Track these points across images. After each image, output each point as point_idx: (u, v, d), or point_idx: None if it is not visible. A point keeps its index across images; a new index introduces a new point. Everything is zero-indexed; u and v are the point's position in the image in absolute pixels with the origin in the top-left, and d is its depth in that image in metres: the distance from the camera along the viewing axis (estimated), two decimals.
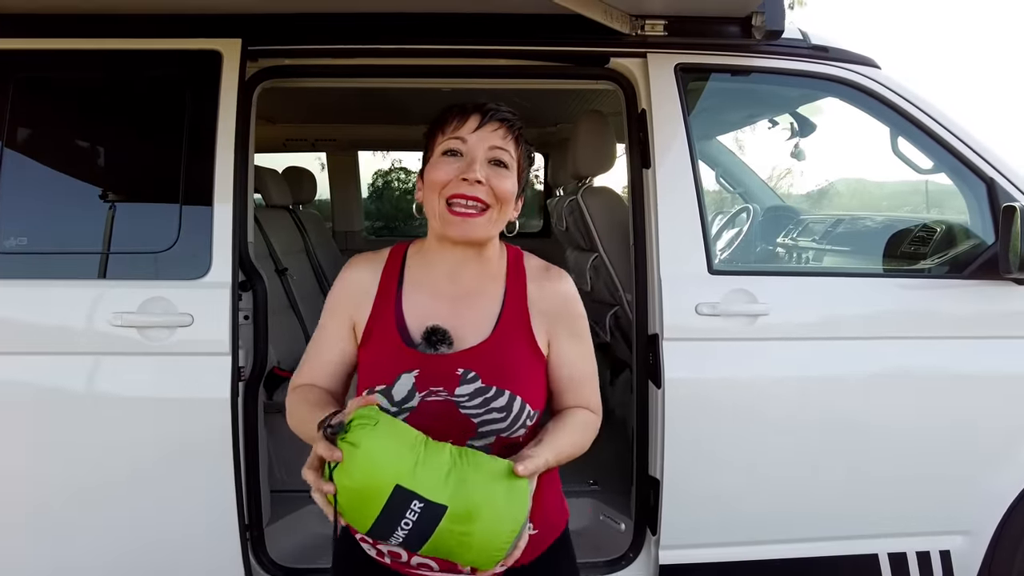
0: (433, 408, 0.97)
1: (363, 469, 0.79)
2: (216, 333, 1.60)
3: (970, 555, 1.86)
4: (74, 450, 1.61)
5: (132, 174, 1.74)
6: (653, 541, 1.77)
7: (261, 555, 1.78)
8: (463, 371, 0.98)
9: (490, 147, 0.99)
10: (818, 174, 5.36)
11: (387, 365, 0.99)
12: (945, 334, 1.79)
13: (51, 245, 1.67)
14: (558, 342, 1.06)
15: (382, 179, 8.93)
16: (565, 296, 1.08)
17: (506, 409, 0.97)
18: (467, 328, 1.02)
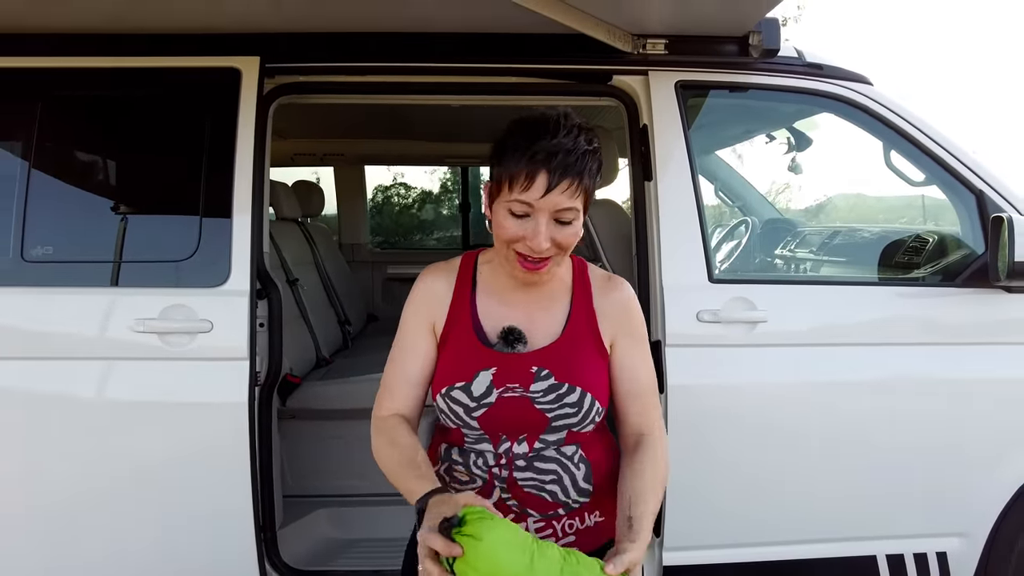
0: (510, 403, 1.03)
1: (488, 560, 0.82)
2: (234, 339, 1.66)
3: (966, 556, 1.90)
4: (96, 452, 1.66)
5: (154, 186, 1.81)
6: (657, 543, 1.81)
7: (274, 557, 1.82)
8: (537, 369, 1.04)
9: (556, 210, 0.98)
10: (816, 189, 5.43)
11: (466, 364, 1.05)
12: (939, 340, 1.85)
13: (76, 254, 1.73)
14: (621, 346, 1.11)
15: (382, 194, 9.00)
16: (627, 303, 1.14)
17: (577, 405, 1.03)
18: (539, 330, 1.09)
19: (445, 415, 1.06)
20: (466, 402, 1.03)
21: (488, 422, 1.04)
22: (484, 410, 1.03)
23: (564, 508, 1.06)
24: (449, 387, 1.05)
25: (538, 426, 1.04)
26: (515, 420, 1.03)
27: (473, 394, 1.03)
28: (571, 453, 1.07)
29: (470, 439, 1.07)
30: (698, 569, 1.81)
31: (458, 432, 1.07)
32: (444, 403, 1.05)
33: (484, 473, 1.06)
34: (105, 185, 1.83)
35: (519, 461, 1.05)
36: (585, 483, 1.07)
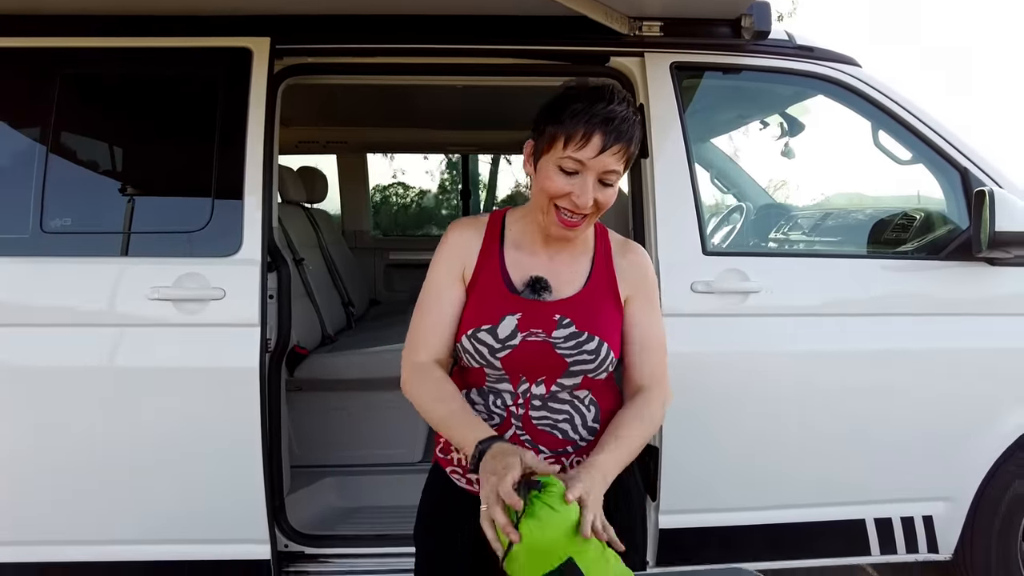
0: (532, 347, 1.10)
1: (555, 531, 0.88)
2: (246, 306, 1.72)
3: (951, 520, 1.97)
4: (114, 416, 1.72)
5: (168, 160, 1.87)
6: (653, 507, 1.88)
7: (283, 522, 1.88)
8: (559, 317, 1.12)
9: (603, 171, 1.05)
10: (814, 189, 5.50)
11: (493, 308, 1.12)
12: (925, 311, 1.92)
13: (93, 226, 1.79)
14: (634, 304, 1.19)
15: (380, 194, 9.07)
16: (644, 266, 1.22)
17: (595, 352, 1.10)
18: (563, 282, 1.16)
19: (469, 355, 1.12)
20: (491, 343, 1.10)
21: (510, 363, 1.10)
22: (508, 351, 1.10)
23: (573, 446, 1.13)
24: (476, 329, 1.11)
25: (557, 369, 1.11)
26: (536, 362, 1.10)
27: (499, 336, 1.10)
28: (583, 396, 1.14)
29: (491, 379, 1.14)
30: (693, 532, 1.88)
31: (480, 372, 1.14)
32: (470, 343, 1.11)
33: (502, 411, 1.13)
34: (121, 159, 1.89)
35: (535, 401, 1.12)
36: (594, 423, 1.14)
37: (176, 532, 1.76)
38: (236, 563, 1.78)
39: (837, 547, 1.96)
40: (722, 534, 1.89)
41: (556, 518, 0.87)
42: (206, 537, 1.77)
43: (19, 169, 1.79)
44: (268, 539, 1.78)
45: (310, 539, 1.90)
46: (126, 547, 1.77)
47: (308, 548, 1.88)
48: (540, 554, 0.87)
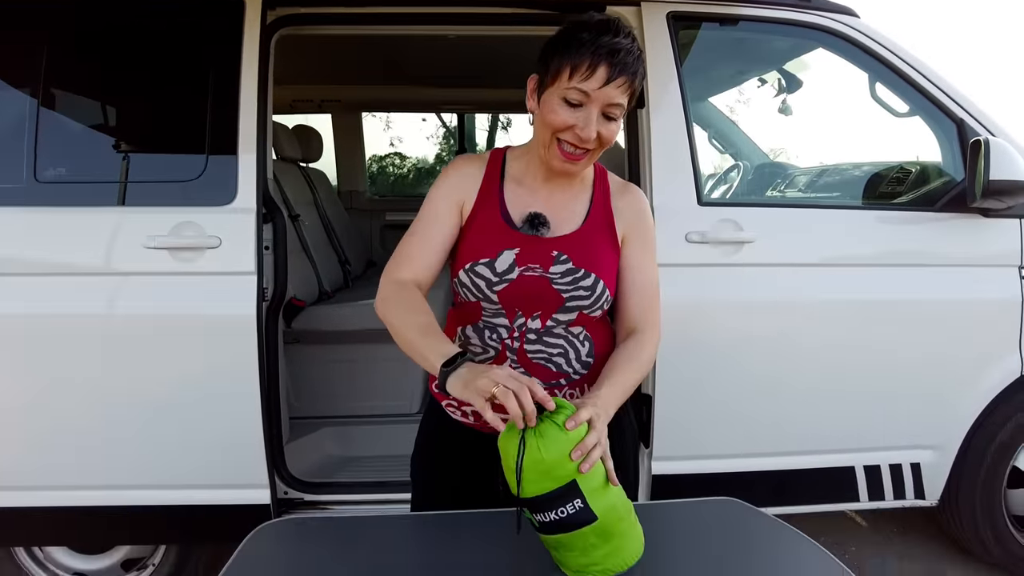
0: (529, 281, 1.11)
1: (561, 452, 0.88)
2: (242, 255, 1.73)
3: (938, 467, 2.02)
4: (112, 364, 1.73)
5: (162, 109, 1.86)
6: (646, 454, 1.91)
7: (282, 470, 1.91)
8: (557, 253, 1.13)
9: (608, 103, 1.04)
10: (812, 151, 5.46)
11: (492, 242, 1.13)
12: (918, 262, 1.93)
13: (87, 175, 1.79)
14: (630, 245, 1.19)
15: (377, 164, 9.01)
16: (642, 207, 1.23)
17: (591, 289, 1.12)
18: (561, 219, 1.16)
19: (467, 289, 1.13)
20: (489, 276, 1.11)
21: (507, 297, 1.12)
22: (505, 285, 1.11)
23: (566, 379, 1.15)
24: (474, 263, 1.12)
25: (553, 304, 1.12)
26: (533, 297, 1.12)
27: (496, 270, 1.11)
28: (577, 332, 1.16)
29: (487, 313, 1.15)
30: (686, 478, 1.92)
31: (476, 306, 1.15)
32: (467, 277, 1.12)
33: (497, 344, 1.14)
34: (113, 110, 1.88)
35: (531, 335, 1.13)
36: (588, 358, 1.16)
37: (176, 477, 1.79)
38: (236, 508, 1.81)
39: (826, 494, 2.00)
40: (713, 480, 1.92)
41: (564, 440, 0.89)
42: (206, 483, 1.80)
43: (11, 120, 1.78)
44: (268, 485, 1.81)
45: (309, 486, 1.94)
46: (127, 492, 1.80)
47: (307, 495, 1.92)
48: (543, 473, 0.88)
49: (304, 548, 1.03)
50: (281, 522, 1.10)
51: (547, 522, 0.90)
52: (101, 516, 1.81)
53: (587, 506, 0.89)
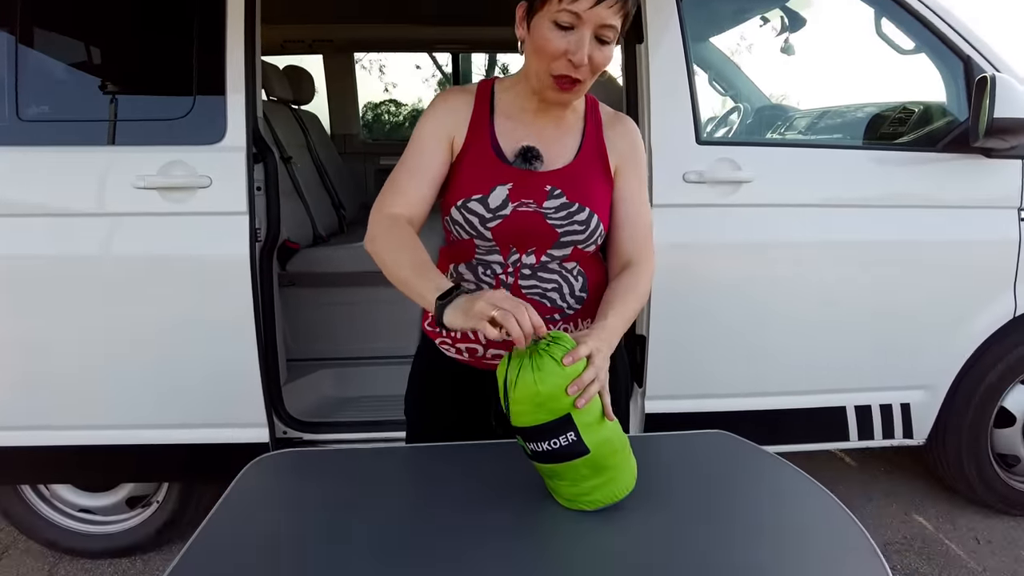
0: (523, 217, 1.10)
1: (557, 385, 0.88)
2: (233, 195, 1.70)
3: (928, 407, 2.05)
4: (106, 306, 1.73)
5: (147, 41, 1.80)
6: (640, 393, 1.94)
7: (280, 410, 1.93)
8: (551, 188, 1.11)
9: (600, 25, 1.01)
10: (816, 100, 5.34)
11: (484, 178, 1.11)
12: (916, 204, 1.92)
13: (71, 113, 1.74)
14: (623, 177, 1.17)
15: (372, 112, 8.83)
16: (634, 137, 1.20)
17: (585, 224, 1.11)
18: (554, 153, 1.14)
19: (459, 226, 1.12)
20: (482, 213, 1.09)
21: (501, 233, 1.10)
22: (498, 221, 1.10)
23: (560, 314, 1.15)
24: (466, 199, 1.10)
25: (547, 240, 1.11)
26: (527, 232, 1.10)
27: (489, 206, 1.09)
28: (571, 267, 1.15)
29: (481, 250, 1.14)
30: (678, 416, 1.94)
31: (469, 244, 1.13)
32: (460, 214, 1.11)
33: (491, 280, 1.13)
34: (98, 46, 1.82)
35: (525, 271, 1.13)
36: (582, 292, 1.16)
37: (176, 417, 1.81)
38: (236, 447, 1.84)
39: (817, 433, 2.04)
40: (705, 418, 1.95)
41: (560, 373, 0.89)
42: (206, 422, 1.82)
43: None
44: (266, 424, 1.83)
45: (307, 426, 1.96)
46: (128, 431, 1.82)
47: (306, 434, 1.95)
48: (538, 405, 0.89)
49: (299, 479, 1.05)
50: (277, 455, 1.12)
51: (539, 452, 0.91)
52: (102, 455, 1.84)
53: (580, 439, 0.90)
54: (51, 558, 2.10)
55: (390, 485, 1.01)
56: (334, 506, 0.95)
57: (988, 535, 2.15)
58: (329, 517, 0.92)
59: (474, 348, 1.16)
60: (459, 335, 1.17)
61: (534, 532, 0.89)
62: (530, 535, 0.89)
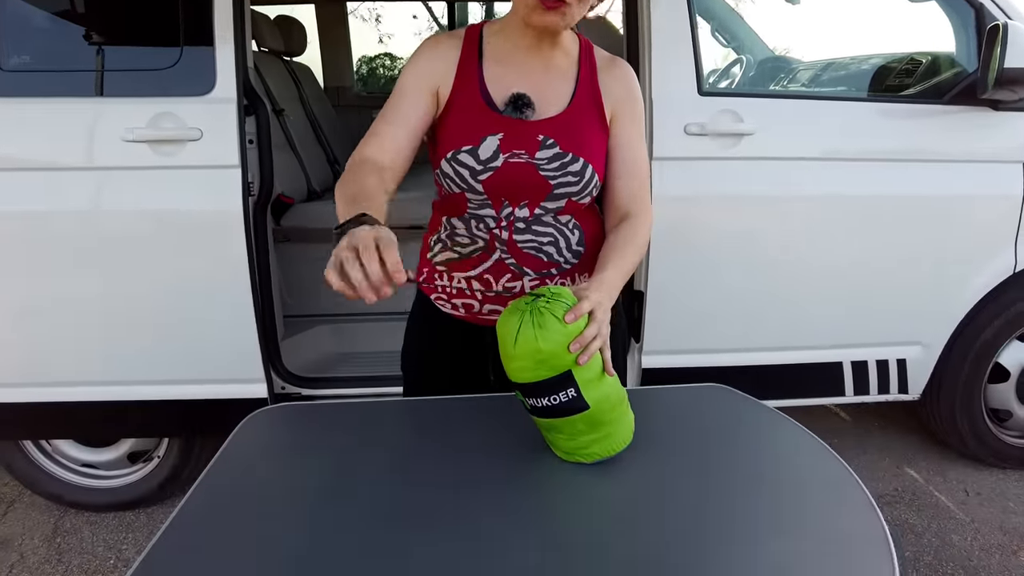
0: (515, 168, 1.06)
1: (559, 343, 0.86)
2: (225, 148, 1.67)
3: (923, 363, 2.06)
4: (100, 262, 1.71)
5: None
6: (637, 348, 1.94)
7: (278, 365, 1.94)
8: (543, 137, 1.07)
9: None
10: (821, 53, 5.23)
11: (473, 128, 1.06)
12: (920, 157, 1.88)
13: (56, 63, 1.69)
14: (620, 123, 1.13)
15: (366, 65, 8.62)
16: (630, 81, 1.15)
17: (579, 174, 1.07)
18: (546, 100, 1.09)
19: (450, 180, 1.08)
20: (472, 165, 1.06)
21: (492, 186, 1.07)
22: (490, 174, 1.06)
23: (557, 268, 1.13)
24: (456, 151, 1.06)
25: (540, 192, 1.08)
26: (519, 185, 1.07)
27: (480, 157, 1.06)
28: (566, 220, 1.12)
29: (473, 205, 1.11)
30: (674, 372, 1.95)
31: (461, 197, 1.10)
32: (450, 167, 1.07)
33: (485, 235, 1.11)
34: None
35: (519, 224, 1.10)
36: (578, 246, 1.13)
37: (174, 373, 1.81)
38: (235, 402, 1.84)
39: (813, 388, 2.05)
40: (701, 374, 1.96)
41: (561, 330, 0.87)
42: (204, 378, 1.83)
43: None
44: (264, 379, 1.83)
45: (306, 381, 1.97)
46: (126, 387, 1.82)
47: (304, 389, 1.96)
48: (539, 362, 0.88)
49: (295, 433, 1.05)
50: (274, 408, 1.11)
51: (538, 407, 0.91)
52: (101, 411, 1.84)
53: (580, 395, 0.89)
54: (56, 511, 2.13)
55: (387, 437, 1.01)
56: (331, 459, 0.95)
57: (977, 487, 2.18)
58: (326, 469, 0.92)
59: (470, 304, 1.15)
60: (454, 291, 1.15)
61: (531, 484, 0.90)
62: (527, 487, 0.89)
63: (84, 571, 1.88)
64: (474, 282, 1.13)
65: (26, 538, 2.02)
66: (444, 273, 1.16)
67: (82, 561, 1.92)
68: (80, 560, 1.92)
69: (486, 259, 1.12)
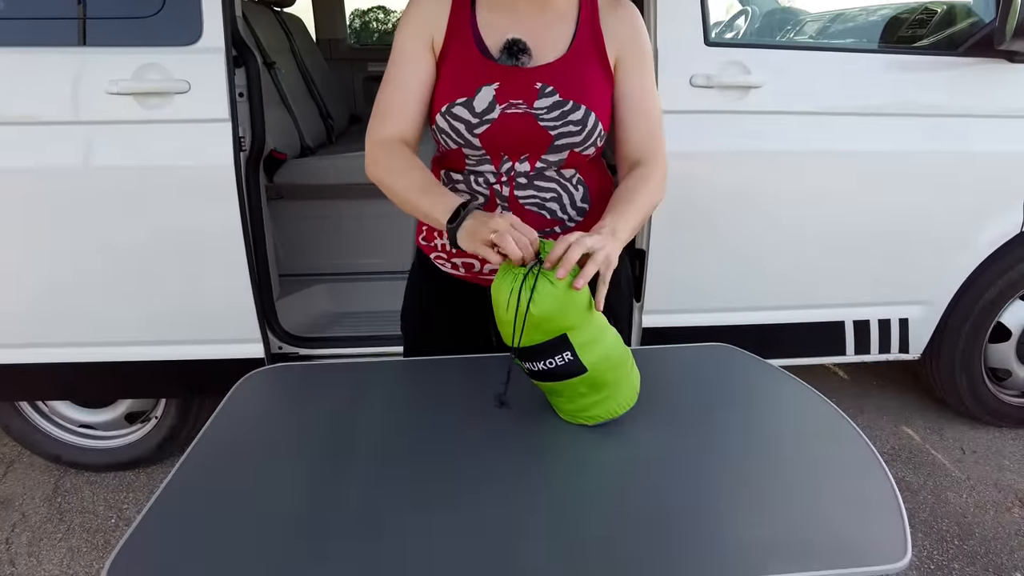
0: (513, 120, 1.01)
1: (553, 308, 0.84)
2: (214, 101, 1.60)
3: (925, 322, 2.04)
4: (89, 219, 1.66)
5: None
6: (637, 307, 1.91)
7: (275, 325, 1.91)
8: (541, 85, 1.02)
9: None
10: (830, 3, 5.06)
11: (468, 78, 1.02)
12: (931, 112, 1.83)
13: (32, 10, 1.61)
14: (625, 68, 1.07)
15: (359, 19, 8.36)
16: (635, 21, 1.08)
17: (582, 123, 1.02)
18: (544, 45, 1.04)
19: (445, 135, 1.05)
20: (468, 118, 1.02)
21: (490, 139, 1.03)
22: (486, 127, 1.02)
23: (561, 226, 1.09)
24: (450, 104, 1.02)
25: (541, 144, 1.03)
26: (518, 137, 1.02)
27: (475, 110, 1.01)
28: (570, 175, 1.08)
29: (471, 160, 1.07)
30: (675, 331, 1.93)
31: (459, 153, 1.06)
32: (445, 121, 1.03)
33: (485, 190, 1.07)
34: None
35: (520, 179, 1.06)
36: (582, 203, 1.09)
37: (169, 333, 1.78)
38: (232, 362, 1.82)
39: (814, 348, 2.04)
40: (702, 332, 1.94)
41: (557, 296, 0.85)
42: (200, 338, 1.80)
43: None
44: (260, 339, 1.81)
45: (303, 341, 1.94)
46: (120, 348, 1.79)
47: (302, 349, 1.93)
48: (533, 326, 0.86)
49: (293, 393, 1.03)
50: (270, 369, 1.09)
51: (535, 371, 0.89)
52: (97, 372, 1.82)
53: (576, 359, 0.87)
54: (56, 471, 2.13)
55: (385, 397, 1.00)
56: (328, 419, 0.93)
57: (973, 446, 2.20)
58: (323, 429, 0.90)
59: (470, 263, 1.12)
60: (454, 250, 1.12)
61: (534, 446, 0.88)
62: (530, 449, 0.88)
63: (86, 530, 1.89)
64: None
65: (27, 498, 2.02)
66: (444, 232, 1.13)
67: (83, 520, 1.93)
68: (81, 519, 1.93)
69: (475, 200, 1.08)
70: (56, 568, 1.76)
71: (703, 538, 0.70)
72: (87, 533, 1.88)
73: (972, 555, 1.75)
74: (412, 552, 0.67)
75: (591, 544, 0.69)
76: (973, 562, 1.73)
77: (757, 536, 0.70)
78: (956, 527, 1.85)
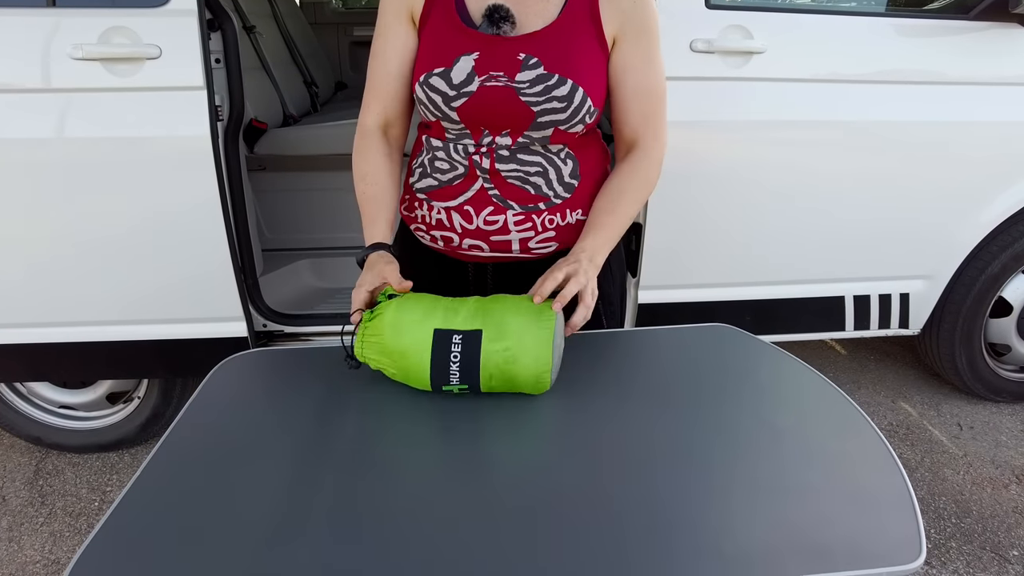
0: (492, 94, 0.94)
1: (398, 332, 0.87)
2: (187, 67, 1.51)
3: (927, 297, 2.00)
4: (55, 197, 1.58)
5: None
6: (633, 283, 1.86)
7: (258, 302, 1.84)
8: (525, 56, 0.94)
9: None
10: None
11: (445, 47, 0.95)
12: (939, 79, 1.76)
13: None
14: (624, 43, 0.98)
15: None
16: None
17: (567, 99, 0.94)
18: (531, 11, 0.96)
19: (424, 107, 0.98)
20: (445, 90, 0.94)
21: (468, 113, 0.96)
22: (464, 100, 0.94)
23: (546, 203, 1.02)
24: (428, 74, 0.95)
25: (522, 121, 0.95)
26: (497, 112, 0.95)
27: (452, 81, 0.94)
28: (557, 149, 1.01)
29: (451, 134, 1.00)
30: (671, 307, 1.88)
31: (438, 126, 1.00)
32: (423, 92, 0.96)
33: (465, 161, 1.00)
34: None
35: (502, 151, 0.99)
36: (571, 179, 1.02)
37: (149, 312, 1.71)
38: (215, 341, 1.76)
39: (813, 323, 1.99)
40: (699, 308, 1.89)
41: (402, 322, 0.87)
42: (181, 317, 1.73)
43: None
44: (243, 317, 1.75)
45: (288, 318, 1.88)
46: (98, 328, 1.73)
47: (287, 327, 1.87)
48: (410, 355, 0.87)
49: (271, 379, 0.97)
50: (248, 354, 1.04)
51: (462, 373, 0.86)
52: (73, 353, 1.75)
53: (465, 330, 0.86)
54: (38, 453, 2.08)
55: (364, 382, 0.94)
56: (307, 403, 0.88)
57: (970, 421, 2.18)
58: (303, 413, 0.86)
59: (449, 237, 1.06)
60: (433, 222, 1.06)
61: (522, 429, 0.83)
62: (516, 432, 0.82)
63: (68, 513, 1.85)
64: (454, 214, 1.04)
65: (7, 481, 1.97)
66: (424, 202, 1.07)
67: (66, 503, 1.88)
68: (64, 502, 1.88)
69: (467, 188, 1.02)
70: (37, 554, 1.72)
71: (703, 538, 0.66)
72: (70, 517, 1.84)
73: (969, 533, 1.73)
74: (392, 536, 0.63)
75: (584, 549, 0.65)
76: (971, 540, 1.71)
77: (764, 537, 0.66)
78: (953, 505, 1.83)
